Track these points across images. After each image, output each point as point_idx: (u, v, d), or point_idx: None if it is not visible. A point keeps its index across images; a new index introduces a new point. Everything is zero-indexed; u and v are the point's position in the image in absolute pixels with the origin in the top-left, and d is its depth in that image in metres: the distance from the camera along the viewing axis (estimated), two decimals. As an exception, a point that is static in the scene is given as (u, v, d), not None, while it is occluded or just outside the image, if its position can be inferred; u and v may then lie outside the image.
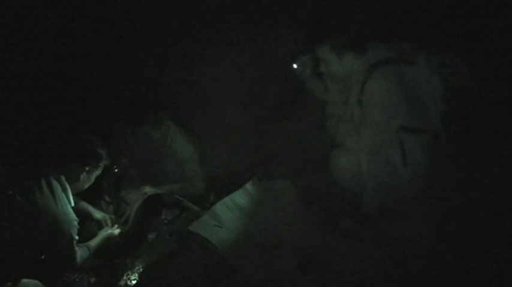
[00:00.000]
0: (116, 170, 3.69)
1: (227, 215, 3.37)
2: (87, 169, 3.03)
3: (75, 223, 2.89)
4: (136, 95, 3.56)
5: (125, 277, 3.06)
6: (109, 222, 3.38)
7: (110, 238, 3.26)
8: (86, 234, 3.22)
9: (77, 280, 3.02)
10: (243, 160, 3.91)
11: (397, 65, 3.01)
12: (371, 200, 3.21)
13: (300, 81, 3.53)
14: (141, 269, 3.11)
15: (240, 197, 3.48)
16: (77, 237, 2.90)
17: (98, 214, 3.40)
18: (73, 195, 2.98)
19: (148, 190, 3.55)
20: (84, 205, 3.38)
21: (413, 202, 3.17)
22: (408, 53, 3.09)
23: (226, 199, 3.49)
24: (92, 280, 3.03)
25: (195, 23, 3.63)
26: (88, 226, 3.39)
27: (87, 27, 3.50)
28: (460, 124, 3.15)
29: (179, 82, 3.74)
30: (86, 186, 3.16)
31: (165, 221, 3.59)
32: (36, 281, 2.67)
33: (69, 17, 3.45)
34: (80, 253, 2.94)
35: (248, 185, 3.53)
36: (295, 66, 3.48)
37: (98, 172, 3.13)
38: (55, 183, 2.82)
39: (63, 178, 2.89)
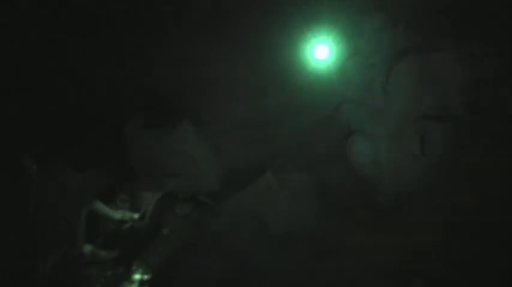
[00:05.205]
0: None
1: (242, 208, 3.38)
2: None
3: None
4: (151, 97, 3.58)
5: (140, 271, 3.08)
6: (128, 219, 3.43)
7: None
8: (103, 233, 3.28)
9: (93, 274, 3.06)
10: (256, 153, 3.90)
11: (423, 53, 2.99)
12: (387, 189, 3.18)
13: (311, 74, 3.52)
14: (156, 263, 3.13)
15: (255, 190, 3.49)
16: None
17: (116, 214, 3.41)
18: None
19: (162, 186, 3.58)
20: (101, 206, 3.40)
21: (428, 193, 3.13)
22: (435, 40, 3.07)
23: (241, 193, 3.50)
24: (108, 273, 3.07)
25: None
26: (105, 225, 3.42)
27: (99, 30, 3.52)
28: (483, 114, 3.13)
29: (190, 79, 3.74)
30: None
31: (180, 216, 3.60)
32: None
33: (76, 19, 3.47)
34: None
35: (263, 179, 3.54)
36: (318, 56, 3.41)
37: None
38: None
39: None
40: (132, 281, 3.03)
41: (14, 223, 2.59)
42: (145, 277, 3.05)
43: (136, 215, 3.50)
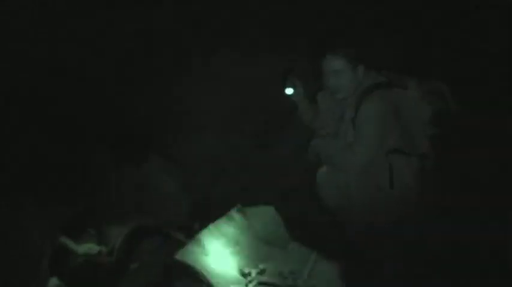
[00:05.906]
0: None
1: (213, 243, 3.35)
2: None
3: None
4: (120, 132, 3.57)
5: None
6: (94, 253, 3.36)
7: None
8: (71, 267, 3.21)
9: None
10: (226, 187, 3.92)
11: (390, 89, 3.11)
12: (356, 223, 3.23)
13: (281, 108, 3.57)
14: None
15: (225, 225, 3.46)
16: None
17: (80, 249, 3.35)
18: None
19: (131, 221, 3.54)
20: (66, 241, 3.33)
21: (396, 228, 3.19)
22: (400, 79, 3.19)
23: (211, 227, 3.47)
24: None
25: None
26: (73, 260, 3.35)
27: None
28: (447, 148, 3.23)
29: (158, 113, 3.75)
30: None
31: (149, 251, 3.55)
32: None
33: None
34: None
35: (232, 212, 3.53)
36: (288, 90, 3.43)
37: None
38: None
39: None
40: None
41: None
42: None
43: (103, 249, 3.44)
